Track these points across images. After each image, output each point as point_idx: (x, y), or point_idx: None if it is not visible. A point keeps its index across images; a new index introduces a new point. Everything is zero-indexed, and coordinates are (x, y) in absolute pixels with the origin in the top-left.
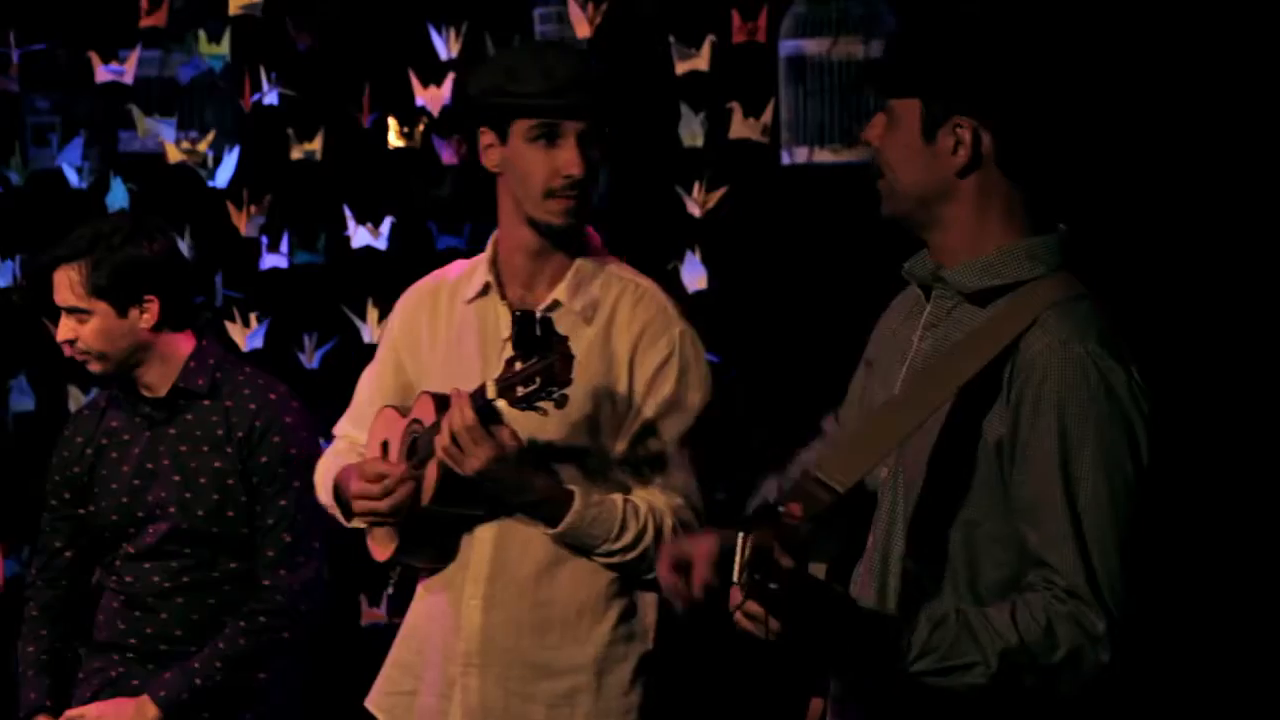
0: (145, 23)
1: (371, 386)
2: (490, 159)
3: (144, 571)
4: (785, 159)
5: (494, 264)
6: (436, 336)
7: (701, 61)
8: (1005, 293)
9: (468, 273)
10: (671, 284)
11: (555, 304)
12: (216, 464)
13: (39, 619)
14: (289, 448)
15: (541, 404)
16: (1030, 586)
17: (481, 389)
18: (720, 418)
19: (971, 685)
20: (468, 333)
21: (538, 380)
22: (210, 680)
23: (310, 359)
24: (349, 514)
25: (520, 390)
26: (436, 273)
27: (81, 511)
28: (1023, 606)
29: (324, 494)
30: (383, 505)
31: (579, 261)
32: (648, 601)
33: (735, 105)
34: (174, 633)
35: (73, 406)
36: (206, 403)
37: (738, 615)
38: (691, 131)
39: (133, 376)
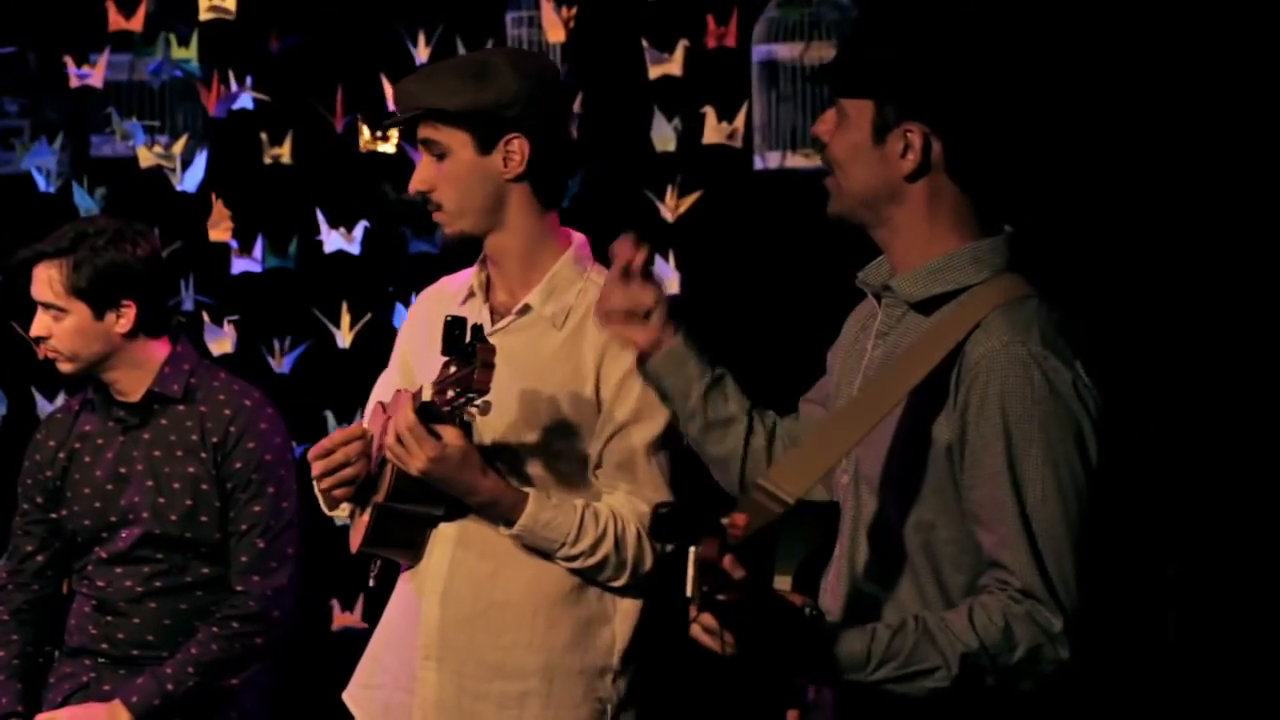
0: (117, 26)
1: (381, 387)
2: None
3: (116, 576)
4: (758, 164)
5: (482, 269)
6: (434, 338)
7: (674, 66)
8: (951, 299)
9: (469, 277)
10: None
11: (526, 308)
12: (190, 469)
13: (9, 623)
14: (263, 454)
15: (466, 411)
16: (986, 589)
17: (420, 391)
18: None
19: (934, 689)
20: None
21: (460, 387)
22: (182, 686)
23: (280, 363)
24: (330, 502)
25: (449, 394)
26: (447, 277)
27: (53, 515)
28: (980, 609)
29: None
30: (335, 457)
31: (557, 266)
32: (620, 618)
33: (709, 110)
34: (146, 638)
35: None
36: (181, 408)
37: (694, 630)
38: (664, 136)
39: (105, 380)
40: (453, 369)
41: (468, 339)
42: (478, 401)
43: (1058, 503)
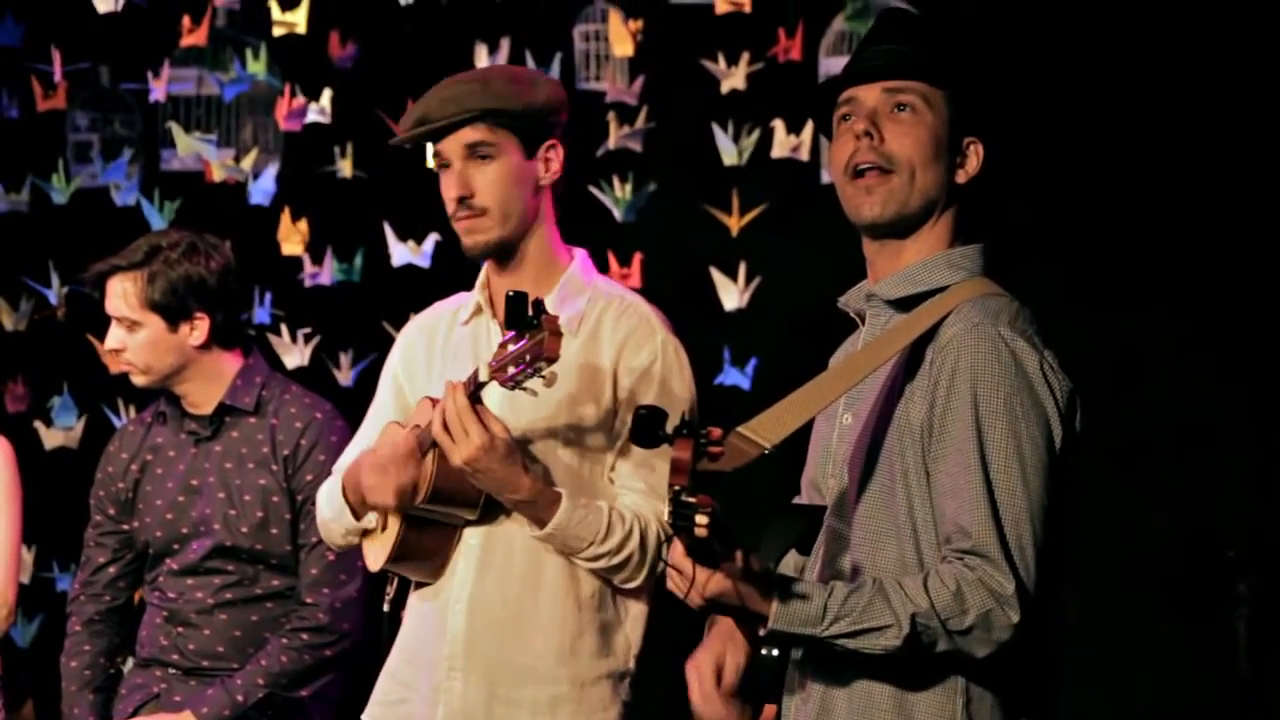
0: (187, 41)
1: (375, 416)
2: None
3: (187, 588)
4: (825, 177)
5: (486, 287)
6: (433, 361)
7: (738, 80)
8: (928, 298)
9: (466, 299)
10: (708, 301)
11: None
12: (261, 481)
13: (82, 634)
14: (334, 466)
15: (530, 384)
16: (945, 558)
17: (475, 373)
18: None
19: (886, 648)
20: (462, 352)
21: (527, 358)
22: (252, 697)
23: (345, 377)
24: (357, 513)
25: (511, 370)
26: (436, 304)
27: (125, 527)
28: (934, 574)
29: (328, 507)
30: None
31: (564, 277)
32: (633, 620)
33: (778, 123)
34: (216, 649)
35: (118, 422)
36: (253, 420)
37: (669, 581)
38: (729, 149)
39: (177, 392)
40: (513, 346)
41: (530, 312)
42: (545, 371)
43: (1018, 474)
